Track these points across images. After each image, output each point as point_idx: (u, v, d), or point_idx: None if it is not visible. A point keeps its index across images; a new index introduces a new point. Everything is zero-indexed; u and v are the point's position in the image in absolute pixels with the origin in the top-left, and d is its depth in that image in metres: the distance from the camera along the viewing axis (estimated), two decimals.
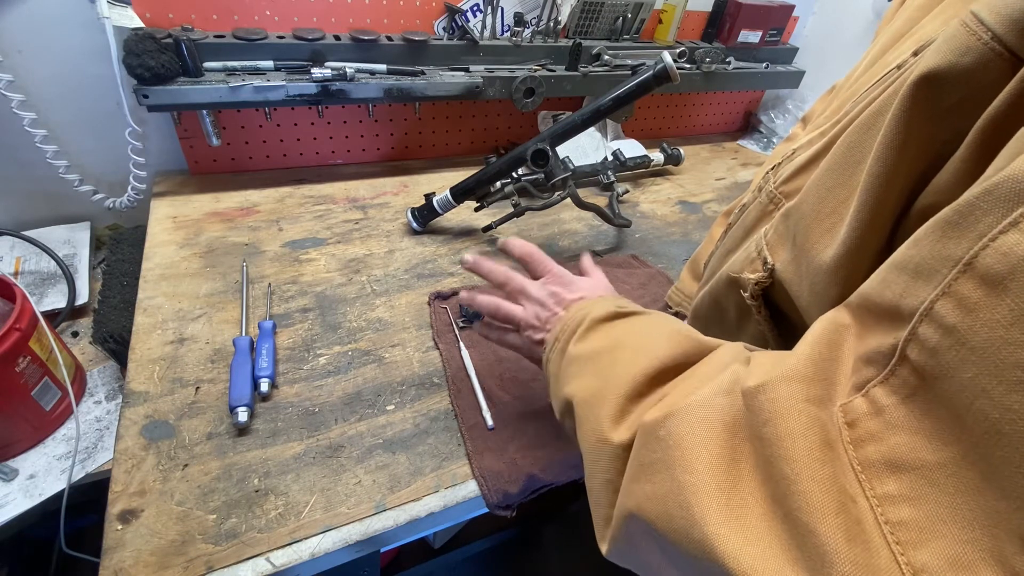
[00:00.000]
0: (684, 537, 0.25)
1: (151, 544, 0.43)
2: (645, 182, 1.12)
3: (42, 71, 0.73)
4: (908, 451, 0.20)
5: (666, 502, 0.26)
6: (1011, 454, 0.18)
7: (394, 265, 0.76)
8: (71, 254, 0.79)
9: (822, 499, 0.21)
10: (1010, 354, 0.18)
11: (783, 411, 0.23)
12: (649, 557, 0.29)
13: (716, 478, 0.24)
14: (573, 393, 0.37)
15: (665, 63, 0.62)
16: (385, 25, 0.87)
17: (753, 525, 0.22)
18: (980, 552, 0.18)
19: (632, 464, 0.30)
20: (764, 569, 0.21)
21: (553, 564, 1.05)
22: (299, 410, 0.55)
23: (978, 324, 0.19)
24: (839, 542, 0.20)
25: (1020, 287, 0.18)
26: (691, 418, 0.27)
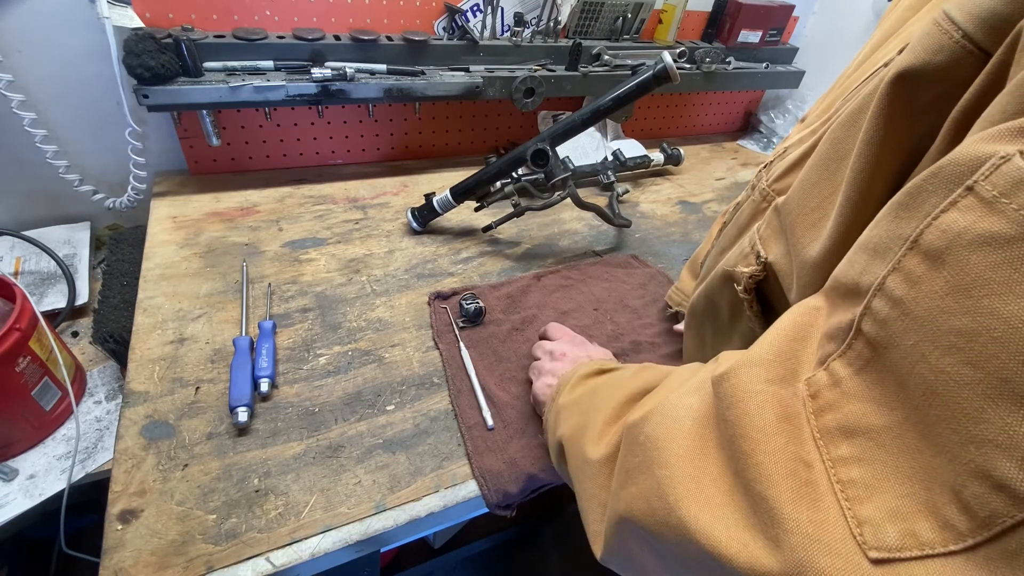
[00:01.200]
0: (665, 526, 0.27)
1: (151, 544, 0.43)
2: (645, 182, 1.12)
3: (42, 71, 0.73)
4: (860, 417, 0.22)
5: (648, 499, 0.28)
6: (943, 412, 0.19)
7: (394, 265, 0.76)
8: (71, 254, 0.79)
9: (772, 469, 0.23)
10: (944, 321, 0.19)
11: (742, 394, 0.25)
12: (644, 560, 0.31)
13: (687, 468, 0.27)
14: (562, 434, 0.42)
15: (665, 63, 0.62)
16: (385, 25, 0.87)
17: (719, 502, 0.25)
18: (917, 504, 0.20)
19: (619, 472, 0.32)
20: (727, 538, 0.23)
21: (553, 564, 1.05)
22: (299, 410, 0.55)
23: (920, 295, 0.20)
24: (788, 504, 0.22)
25: (955, 260, 0.19)
26: (665, 419, 0.30)
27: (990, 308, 0.18)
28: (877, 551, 0.20)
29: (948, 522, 0.19)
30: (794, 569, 0.21)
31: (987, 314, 0.18)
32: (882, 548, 0.20)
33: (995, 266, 0.18)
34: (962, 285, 0.19)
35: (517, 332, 0.68)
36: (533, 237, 0.88)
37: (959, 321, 0.19)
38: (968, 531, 0.18)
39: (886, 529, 0.20)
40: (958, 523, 0.18)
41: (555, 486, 0.53)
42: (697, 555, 0.25)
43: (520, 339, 0.67)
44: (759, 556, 0.22)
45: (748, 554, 0.22)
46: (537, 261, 0.82)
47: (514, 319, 0.69)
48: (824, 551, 0.21)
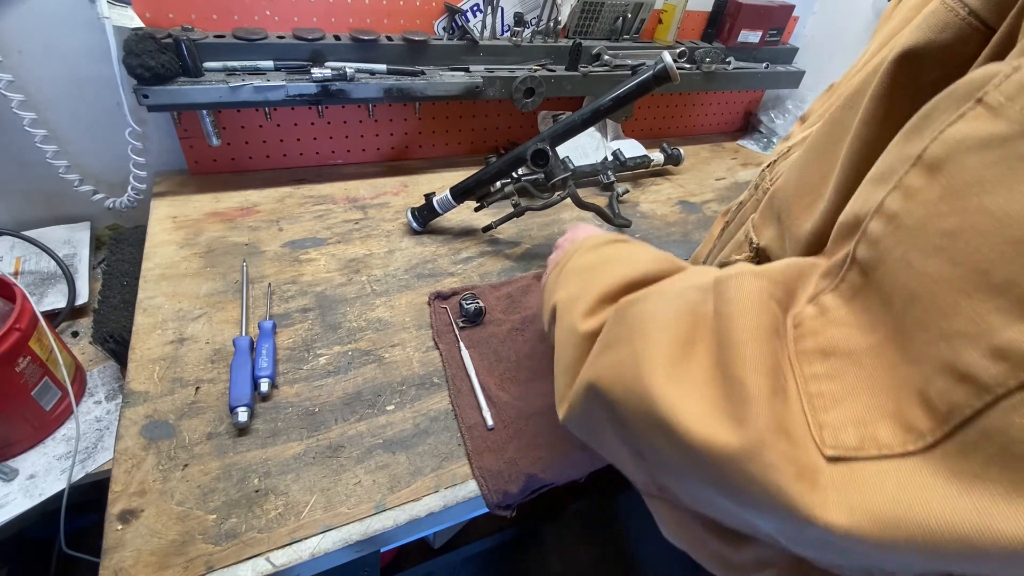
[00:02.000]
0: (630, 393, 0.27)
1: (151, 544, 0.43)
2: (645, 182, 1.12)
3: (42, 71, 0.73)
4: (841, 341, 0.22)
5: (621, 367, 0.28)
6: (921, 315, 0.19)
7: (394, 265, 0.76)
8: (71, 254, 0.79)
9: (758, 360, 0.22)
10: (934, 224, 0.19)
11: (746, 295, 0.25)
12: (602, 429, 0.31)
13: (669, 349, 0.26)
14: (558, 299, 0.39)
15: (665, 63, 0.62)
16: (385, 25, 0.87)
17: (693, 383, 0.24)
18: (882, 413, 0.20)
19: (599, 342, 0.32)
20: (689, 411, 0.23)
21: (553, 564, 1.05)
22: (299, 410, 0.55)
23: (914, 205, 0.20)
24: (763, 392, 0.21)
25: (953, 166, 0.19)
26: (661, 302, 0.29)
27: (979, 205, 0.18)
28: (833, 449, 0.20)
29: (910, 424, 0.19)
30: (752, 448, 0.21)
31: (975, 211, 0.18)
32: (839, 447, 0.20)
33: (989, 165, 0.18)
34: (956, 188, 0.19)
35: (517, 332, 0.68)
36: (533, 237, 0.88)
37: (947, 222, 0.19)
38: (928, 430, 0.18)
39: (846, 431, 0.20)
40: (919, 423, 0.18)
41: (555, 486, 0.53)
42: (654, 426, 0.25)
43: (520, 339, 0.67)
44: (719, 432, 0.22)
45: (708, 429, 0.22)
46: (537, 261, 0.82)
47: (514, 319, 0.69)
48: (785, 437, 0.21)
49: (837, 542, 0.19)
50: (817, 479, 0.20)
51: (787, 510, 0.20)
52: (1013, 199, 0.17)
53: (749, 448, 0.21)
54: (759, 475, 0.20)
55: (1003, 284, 0.17)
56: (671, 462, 0.26)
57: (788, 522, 0.21)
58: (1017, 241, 0.17)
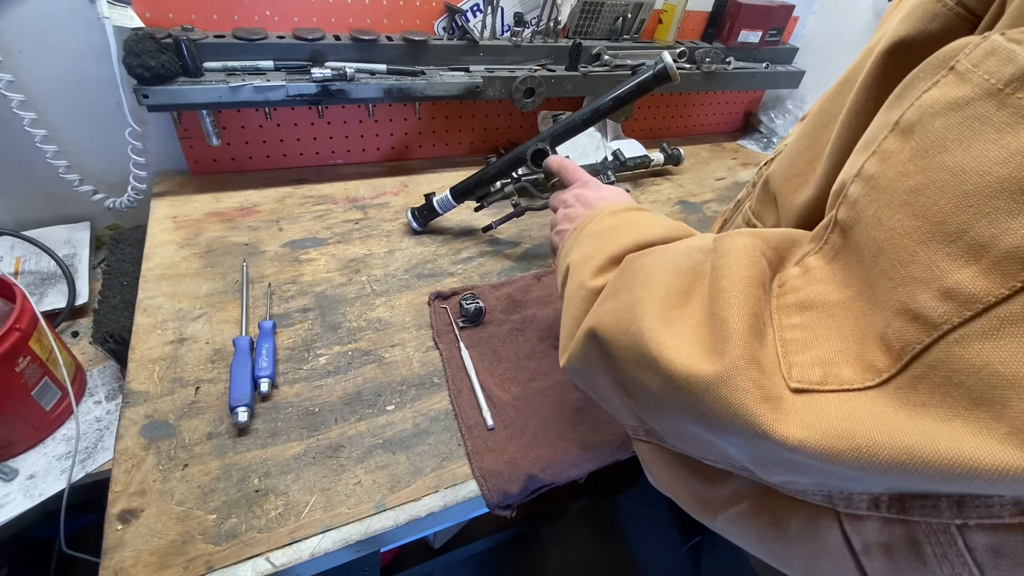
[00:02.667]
0: (624, 334, 0.29)
1: (151, 544, 0.43)
2: (645, 182, 1.12)
3: (42, 71, 0.73)
4: (819, 296, 0.23)
5: (619, 312, 0.30)
6: (885, 266, 0.20)
7: (394, 265, 0.76)
8: (71, 254, 0.79)
9: (741, 304, 0.24)
10: (902, 182, 0.21)
11: (739, 250, 0.26)
12: (597, 375, 0.33)
13: (666, 297, 0.28)
14: (572, 260, 0.41)
15: (665, 63, 0.62)
16: (385, 25, 0.87)
17: (684, 325, 0.26)
18: (845, 356, 0.21)
19: (603, 292, 0.34)
20: (674, 347, 0.25)
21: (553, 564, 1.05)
22: (299, 410, 0.55)
23: (888, 167, 0.22)
24: (742, 329, 0.23)
25: (923, 128, 0.21)
26: (665, 257, 0.31)
27: (940, 163, 0.19)
28: (798, 383, 0.21)
29: (870, 363, 0.20)
30: (725, 374, 0.22)
31: (936, 168, 0.19)
32: (803, 381, 0.21)
33: (952, 126, 0.19)
34: (923, 148, 0.20)
35: (517, 332, 0.68)
36: (533, 237, 0.88)
37: (913, 180, 0.20)
38: (884, 367, 0.20)
39: (812, 370, 0.22)
40: (877, 362, 0.20)
41: (555, 486, 0.53)
42: (642, 362, 0.27)
43: (520, 339, 0.67)
44: (699, 363, 0.24)
45: (688, 360, 0.24)
46: (537, 261, 0.82)
47: (514, 319, 0.69)
48: (756, 367, 0.22)
49: (792, 456, 0.21)
50: (780, 404, 0.21)
51: (750, 428, 0.21)
52: (969, 155, 0.18)
53: (723, 374, 0.22)
54: (728, 397, 0.22)
55: (955, 233, 0.18)
56: (656, 398, 0.27)
57: (752, 440, 0.22)
58: (968, 193, 0.18)
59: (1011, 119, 0.18)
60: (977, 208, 0.18)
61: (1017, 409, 0.16)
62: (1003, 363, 0.17)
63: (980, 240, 0.18)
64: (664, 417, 0.29)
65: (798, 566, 0.26)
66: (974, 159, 0.18)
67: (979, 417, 0.17)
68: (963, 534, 0.19)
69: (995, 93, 0.19)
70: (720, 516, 0.29)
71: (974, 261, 0.18)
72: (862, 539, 0.22)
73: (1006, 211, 0.17)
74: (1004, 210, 0.17)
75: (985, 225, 0.18)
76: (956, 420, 0.17)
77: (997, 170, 0.18)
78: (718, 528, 0.30)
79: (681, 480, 0.32)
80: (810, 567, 0.25)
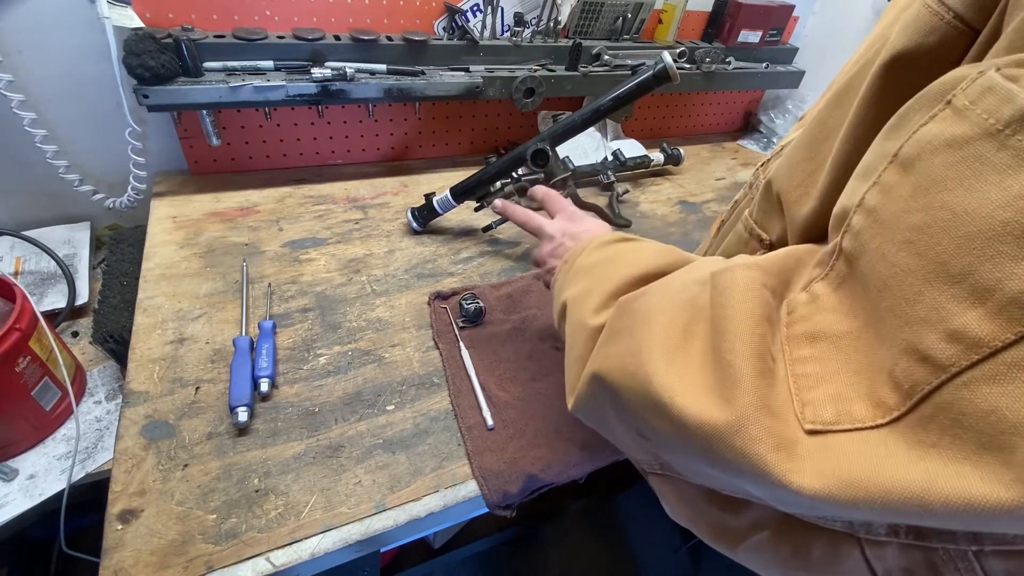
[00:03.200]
0: (632, 379, 0.28)
1: (151, 544, 0.43)
2: (645, 182, 1.12)
3: (42, 71, 0.73)
4: (827, 326, 0.24)
5: (623, 357, 0.30)
6: (891, 302, 0.21)
7: (394, 265, 0.76)
8: (71, 254, 0.79)
9: (747, 344, 0.24)
10: (904, 219, 0.21)
11: (740, 286, 0.26)
12: (606, 414, 0.33)
13: (668, 338, 0.28)
14: (568, 296, 0.41)
15: (665, 63, 0.62)
16: (385, 25, 0.87)
17: (689, 367, 0.26)
18: (858, 392, 0.21)
19: (604, 334, 0.34)
20: (684, 393, 0.25)
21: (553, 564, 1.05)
22: (299, 410, 0.55)
23: (889, 201, 0.22)
24: (750, 374, 0.23)
25: (923, 164, 0.21)
26: (663, 296, 0.31)
27: (942, 202, 0.20)
28: (812, 424, 0.22)
29: (881, 401, 0.20)
30: (737, 423, 0.22)
31: (938, 207, 0.20)
32: (817, 422, 0.22)
33: (952, 165, 0.20)
34: (924, 185, 0.20)
35: (517, 332, 0.68)
36: (533, 237, 0.87)
37: (916, 218, 0.20)
38: (895, 405, 0.20)
39: (825, 408, 0.22)
40: (888, 400, 0.20)
41: (555, 486, 0.53)
42: (651, 408, 0.27)
43: (520, 339, 0.67)
44: (710, 410, 0.24)
45: (699, 407, 0.24)
46: None
47: (514, 319, 0.69)
48: (768, 414, 0.22)
49: (809, 504, 0.21)
50: (795, 450, 0.21)
51: (765, 477, 0.22)
52: (970, 197, 0.19)
53: (734, 423, 0.22)
54: (741, 448, 0.22)
55: (959, 275, 0.18)
56: (667, 440, 0.28)
57: (767, 488, 0.22)
58: (972, 235, 0.18)
59: (1012, 162, 0.18)
60: (980, 251, 0.18)
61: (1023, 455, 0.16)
62: (1011, 409, 0.17)
63: (985, 283, 0.18)
64: (679, 458, 0.29)
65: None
66: (976, 200, 0.18)
67: (988, 462, 0.17)
68: (980, 560, 0.20)
69: (995, 134, 0.19)
70: (742, 547, 0.29)
71: (980, 304, 0.18)
72: (884, 565, 0.23)
73: (1010, 256, 0.17)
74: (1008, 254, 0.17)
75: (989, 268, 0.18)
76: (965, 464, 0.18)
77: (1000, 213, 0.18)
78: (740, 559, 0.30)
79: (700, 511, 0.32)
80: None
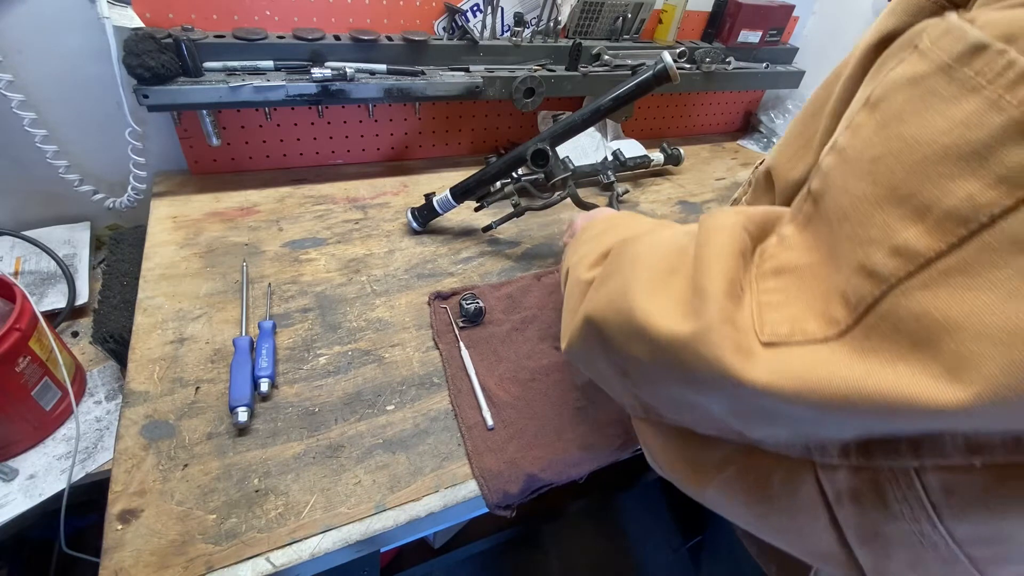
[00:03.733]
0: (616, 313, 0.31)
1: (151, 544, 0.43)
2: (645, 182, 1.12)
3: (42, 71, 0.73)
4: (791, 261, 0.25)
5: (611, 295, 0.32)
6: (848, 230, 0.22)
7: (394, 265, 0.76)
8: (71, 254, 0.79)
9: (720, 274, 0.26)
10: (867, 152, 0.22)
11: (721, 225, 0.28)
12: (596, 357, 0.36)
13: (654, 276, 0.30)
14: (571, 262, 0.44)
15: (665, 63, 0.62)
16: (385, 25, 0.87)
17: (668, 296, 0.28)
18: (812, 312, 0.23)
19: (596, 280, 0.37)
20: (659, 314, 0.27)
21: (553, 564, 1.05)
22: (299, 410, 0.55)
23: (856, 139, 0.23)
24: (719, 295, 0.25)
25: (887, 103, 0.22)
26: (653, 242, 0.33)
27: (897, 133, 0.21)
28: (768, 337, 0.23)
29: (832, 318, 0.22)
30: (703, 332, 0.24)
31: (894, 139, 0.21)
32: (773, 336, 0.23)
33: (910, 99, 0.21)
34: (885, 120, 0.22)
35: (517, 332, 0.68)
36: (533, 237, 0.88)
37: (875, 150, 0.22)
38: (843, 319, 0.21)
39: (782, 326, 0.23)
40: (838, 315, 0.22)
41: (555, 486, 0.53)
42: (633, 334, 0.29)
43: (520, 339, 0.67)
44: (680, 324, 0.26)
45: (671, 322, 0.26)
46: (537, 261, 0.82)
47: (514, 319, 0.69)
48: (731, 326, 0.24)
49: (762, 402, 0.23)
50: (751, 355, 0.23)
51: (724, 376, 0.23)
52: (921, 126, 0.20)
53: (700, 332, 0.24)
54: (705, 353, 0.24)
55: (905, 196, 0.20)
56: (646, 368, 0.30)
57: (728, 391, 0.24)
58: (918, 161, 0.20)
59: (957, 92, 0.20)
60: (924, 173, 0.20)
61: (949, 350, 0.18)
62: (939, 310, 0.19)
63: (925, 202, 0.20)
64: (656, 388, 0.32)
65: (779, 525, 0.28)
66: (925, 129, 0.20)
67: (919, 359, 0.19)
68: (920, 476, 0.21)
69: (946, 68, 0.20)
70: (711, 486, 0.31)
71: (920, 221, 0.20)
72: (834, 488, 0.24)
73: (948, 175, 0.19)
74: (946, 175, 0.19)
75: (930, 188, 0.19)
76: (899, 363, 0.19)
77: (942, 139, 0.19)
78: (709, 500, 0.32)
79: (677, 453, 0.34)
80: (790, 525, 0.27)
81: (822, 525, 0.25)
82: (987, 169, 0.18)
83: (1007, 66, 0.18)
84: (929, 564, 0.22)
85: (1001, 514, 0.20)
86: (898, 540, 0.23)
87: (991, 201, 0.18)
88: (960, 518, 0.21)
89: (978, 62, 0.19)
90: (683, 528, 1.06)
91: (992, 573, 0.21)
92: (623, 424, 0.59)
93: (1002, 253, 0.18)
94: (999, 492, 0.19)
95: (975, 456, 0.19)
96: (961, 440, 0.20)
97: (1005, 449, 0.19)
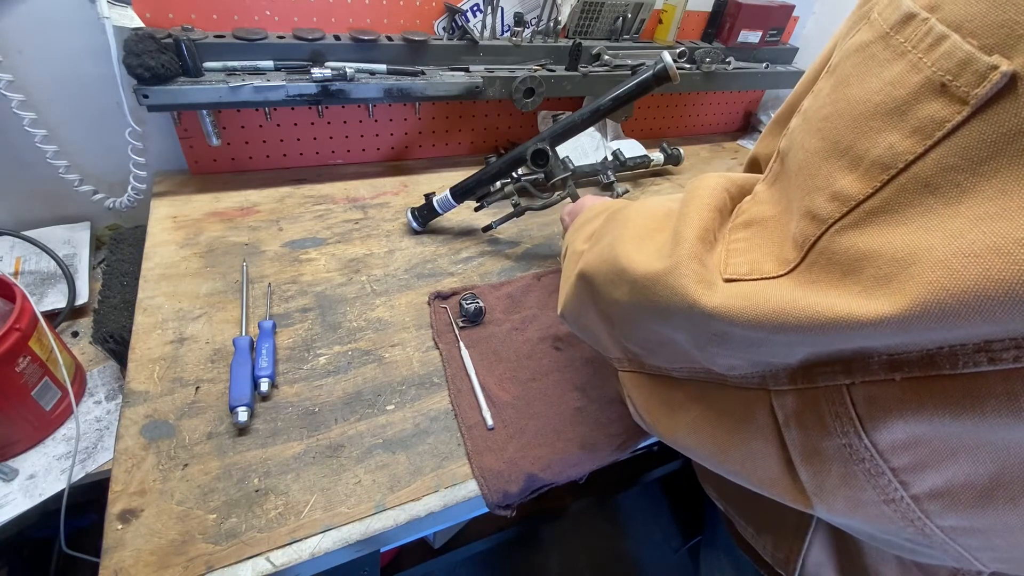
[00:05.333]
0: (604, 263, 0.35)
1: (151, 544, 0.43)
2: (645, 182, 1.12)
3: (42, 71, 0.73)
4: (759, 214, 0.28)
5: (601, 252, 0.37)
6: (800, 181, 0.25)
7: (394, 265, 0.76)
8: (71, 254, 0.79)
9: (696, 222, 0.30)
10: (820, 112, 0.25)
11: (705, 184, 0.32)
12: (586, 313, 0.40)
13: (642, 232, 0.34)
14: (569, 241, 0.49)
15: (665, 63, 0.62)
16: (385, 25, 0.87)
17: (651, 245, 0.32)
18: (769, 255, 0.26)
19: (590, 243, 0.41)
20: (641, 259, 0.31)
21: (553, 564, 1.05)
22: (299, 410, 0.55)
23: (815, 102, 0.27)
24: (692, 239, 0.29)
25: (840, 70, 0.25)
26: (643, 207, 0.38)
27: (843, 95, 0.24)
28: (730, 274, 0.27)
29: (785, 259, 0.25)
30: (673, 267, 0.28)
31: (840, 99, 0.24)
32: (734, 273, 0.26)
33: (856, 64, 0.24)
34: (836, 84, 0.25)
35: (517, 332, 0.68)
36: (533, 237, 0.88)
37: (826, 110, 0.25)
38: (792, 259, 0.24)
39: (743, 266, 0.27)
40: (790, 257, 0.24)
41: (555, 486, 0.53)
42: (615, 279, 0.33)
43: (520, 339, 0.67)
44: (655, 263, 0.30)
45: (648, 263, 0.30)
46: (537, 261, 0.82)
47: (514, 319, 0.69)
48: (699, 263, 0.28)
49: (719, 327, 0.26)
50: (711, 286, 0.27)
51: (687, 303, 0.27)
52: (861, 87, 0.23)
53: (671, 267, 0.28)
54: (674, 284, 0.28)
55: (845, 149, 0.23)
56: (625, 309, 0.34)
57: (690, 318, 0.28)
58: (856, 117, 0.23)
59: (891, 56, 0.22)
60: (859, 128, 0.22)
61: (868, 274, 0.21)
62: (863, 243, 0.21)
63: (859, 153, 0.22)
64: (634, 328, 0.35)
65: (738, 456, 0.30)
66: (863, 90, 0.23)
67: (845, 284, 0.22)
68: (850, 392, 0.24)
69: (885, 36, 0.23)
70: (681, 429, 0.34)
71: (854, 169, 0.22)
72: (784, 412, 0.27)
73: (876, 129, 0.22)
74: (876, 128, 0.22)
75: (863, 141, 0.22)
76: (831, 289, 0.22)
77: (875, 97, 0.22)
78: (681, 443, 0.35)
79: (655, 397, 0.37)
80: (747, 454, 0.30)
81: (773, 449, 0.28)
82: (905, 122, 0.21)
83: (927, 32, 0.21)
84: (858, 477, 0.24)
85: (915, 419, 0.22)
86: (832, 455, 0.25)
87: (906, 149, 0.21)
88: (881, 428, 0.23)
89: (908, 29, 0.22)
90: (683, 528, 1.06)
91: (912, 483, 0.23)
92: (623, 424, 0.59)
93: (915, 193, 0.20)
94: (914, 400, 0.21)
95: (896, 372, 0.22)
96: (885, 358, 0.22)
97: (920, 365, 0.21)
